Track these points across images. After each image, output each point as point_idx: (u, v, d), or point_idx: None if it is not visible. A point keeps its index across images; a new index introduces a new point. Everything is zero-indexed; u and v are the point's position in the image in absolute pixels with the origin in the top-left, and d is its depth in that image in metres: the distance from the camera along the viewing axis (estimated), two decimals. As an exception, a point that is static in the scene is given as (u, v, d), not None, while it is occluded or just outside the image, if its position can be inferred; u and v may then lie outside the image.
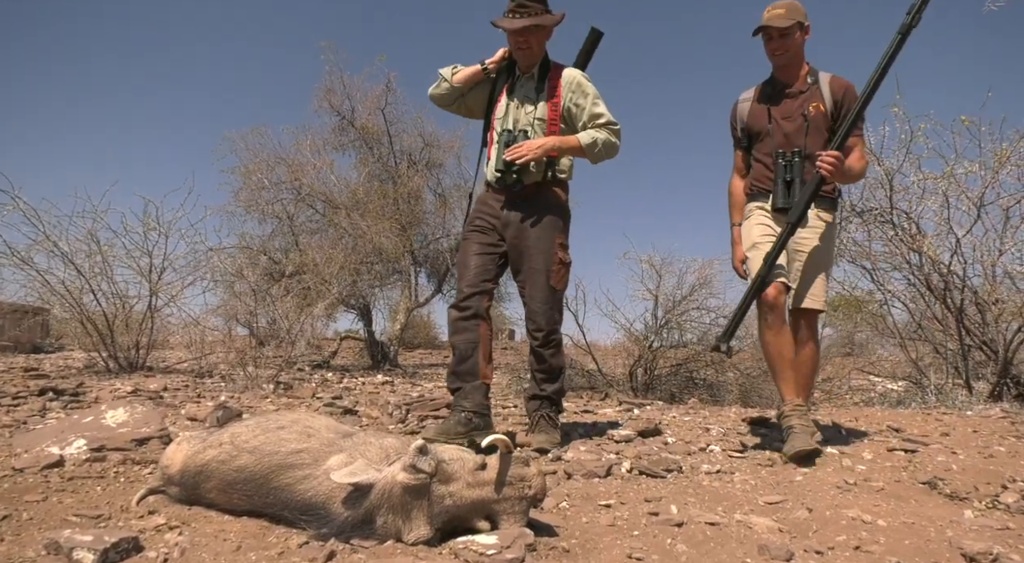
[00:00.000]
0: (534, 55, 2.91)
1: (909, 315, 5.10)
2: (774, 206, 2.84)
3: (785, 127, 2.86)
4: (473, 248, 2.94)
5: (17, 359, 7.57)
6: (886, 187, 4.56)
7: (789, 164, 2.79)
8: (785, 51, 2.84)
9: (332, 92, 8.78)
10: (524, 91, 2.97)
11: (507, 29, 2.81)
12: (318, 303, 7.02)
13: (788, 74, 2.91)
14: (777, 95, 2.93)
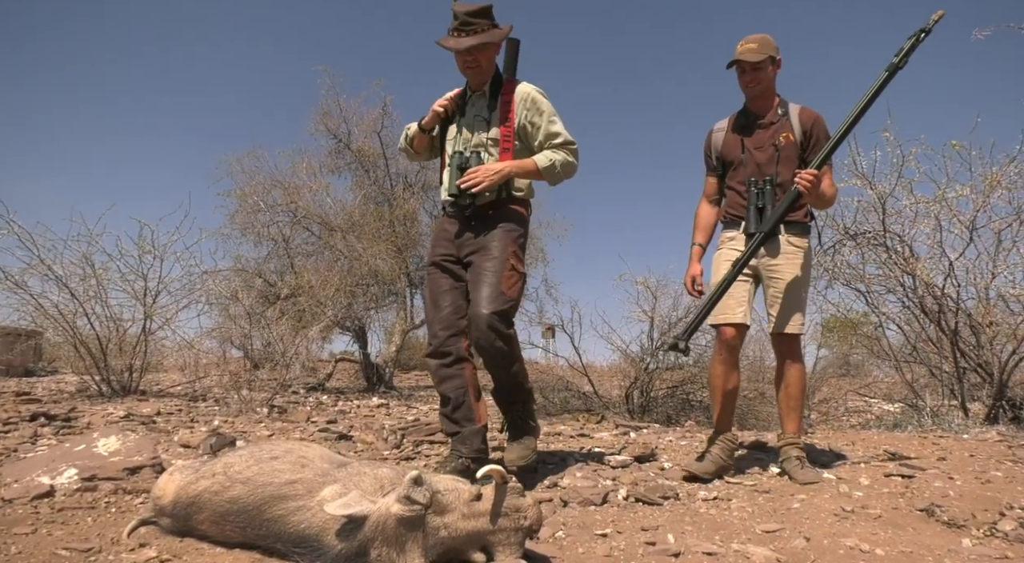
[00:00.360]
0: (484, 73, 2.78)
1: (904, 337, 5.12)
2: (746, 230, 2.90)
3: (757, 157, 2.93)
4: (439, 285, 2.77)
5: (9, 383, 7.50)
6: (879, 210, 4.60)
7: (761, 191, 2.86)
8: (758, 84, 2.91)
9: (328, 115, 8.86)
10: (476, 110, 2.84)
11: (453, 50, 2.69)
12: (313, 326, 7.00)
13: (760, 105, 2.98)
14: (750, 126, 3.00)
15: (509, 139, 2.77)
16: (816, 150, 2.84)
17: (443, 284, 2.76)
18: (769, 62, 2.88)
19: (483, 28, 2.67)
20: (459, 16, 2.65)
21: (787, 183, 2.83)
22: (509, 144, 2.77)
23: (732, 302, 2.90)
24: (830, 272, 5.04)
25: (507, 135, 2.77)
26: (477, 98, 2.84)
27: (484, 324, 2.51)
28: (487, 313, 2.51)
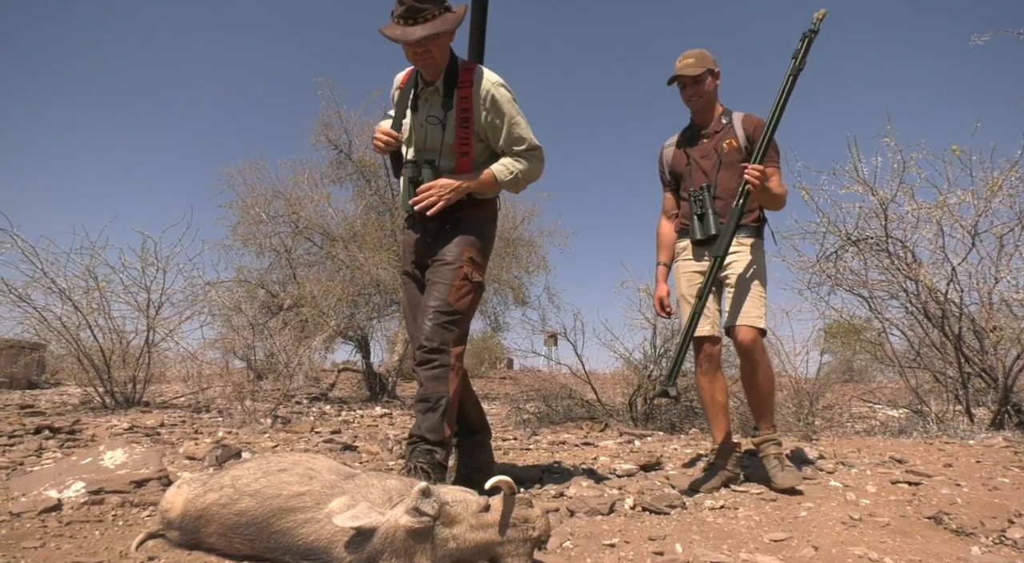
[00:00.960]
0: (437, 64, 2.44)
1: (908, 343, 5.11)
2: (692, 238, 2.98)
3: (703, 165, 3.01)
4: (414, 296, 2.63)
5: (12, 396, 7.51)
6: (881, 216, 4.60)
7: (697, 199, 2.94)
8: (699, 96, 3.00)
9: (329, 126, 8.92)
10: (429, 108, 2.53)
11: (400, 41, 2.33)
12: (316, 336, 7.01)
13: (704, 117, 3.06)
14: (695, 137, 3.09)
15: (468, 142, 2.51)
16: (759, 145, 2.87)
17: (416, 296, 2.62)
18: (708, 74, 2.97)
19: (434, 14, 2.32)
20: (404, 1, 2.29)
21: (730, 188, 2.88)
22: (468, 148, 2.52)
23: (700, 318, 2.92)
24: (832, 278, 5.04)
25: (465, 138, 2.51)
26: (430, 94, 2.52)
27: (424, 332, 2.37)
28: (429, 325, 2.37)
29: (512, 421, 6.17)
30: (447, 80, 2.48)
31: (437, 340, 2.36)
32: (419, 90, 2.55)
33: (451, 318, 2.40)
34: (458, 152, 2.52)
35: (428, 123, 2.52)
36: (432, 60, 2.40)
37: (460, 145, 2.51)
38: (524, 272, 10.42)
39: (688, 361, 3.51)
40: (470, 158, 2.54)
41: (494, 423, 6.12)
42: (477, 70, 2.50)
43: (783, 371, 6.29)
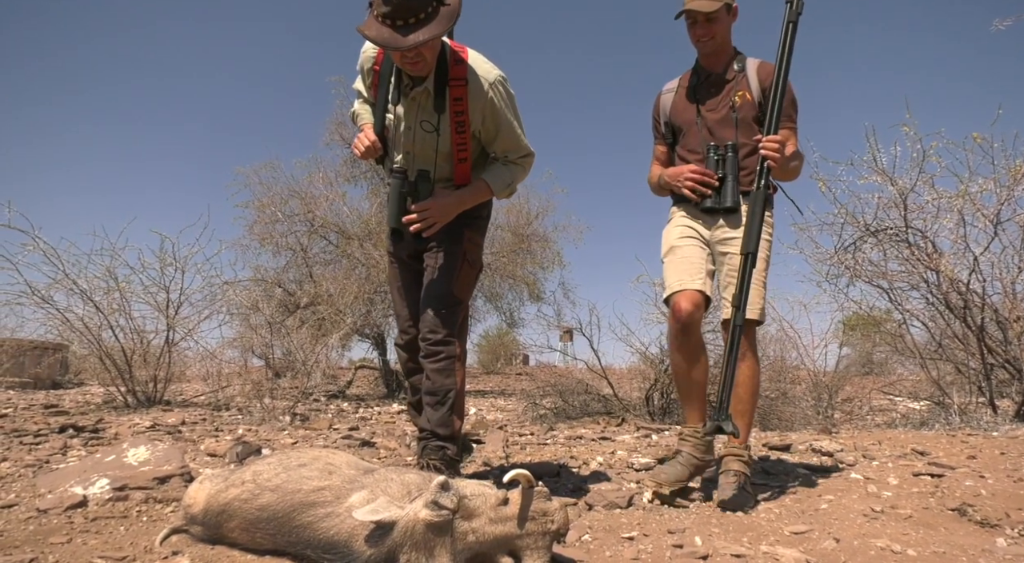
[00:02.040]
0: (428, 66, 2.18)
1: (929, 334, 5.04)
2: (702, 206, 2.52)
3: (710, 119, 2.56)
4: (401, 278, 2.55)
5: (37, 395, 7.64)
6: (900, 206, 4.54)
7: (722, 159, 2.47)
8: (711, 37, 2.53)
9: (343, 125, 8.96)
10: (419, 111, 2.28)
11: (391, 48, 2.02)
12: (333, 334, 7.06)
13: (714, 62, 2.60)
14: (703, 85, 2.61)
15: (466, 148, 2.32)
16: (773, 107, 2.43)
17: (403, 277, 2.54)
18: (724, 10, 2.49)
19: (426, 11, 1.98)
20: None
21: (744, 152, 2.50)
22: (466, 153, 2.33)
23: (685, 266, 2.50)
24: (851, 270, 4.98)
25: (463, 144, 2.31)
26: (419, 94, 2.26)
27: (428, 324, 2.31)
28: (433, 316, 2.30)
29: (529, 416, 6.17)
30: (438, 77, 2.21)
31: (442, 331, 2.30)
32: (403, 86, 2.28)
33: (454, 308, 2.35)
34: (455, 158, 2.34)
35: (421, 128, 2.29)
36: (424, 63, 2.14)
37: (458, 152, 2.32)
38: (539, 268, 10.42)
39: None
40: (469, 164, 2.36)
41: (510, 419, 6.14)
42: (470, 62, 2.25)
43: (801, 364, 6.25)
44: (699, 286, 2.46)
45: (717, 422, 2.29)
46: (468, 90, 2.23)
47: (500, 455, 3.46)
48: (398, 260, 2.58)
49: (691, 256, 2.51)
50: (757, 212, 2.36)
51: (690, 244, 2.54)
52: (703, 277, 2.48)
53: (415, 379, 2.58)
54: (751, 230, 2.35)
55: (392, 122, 2.36)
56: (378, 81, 2.35)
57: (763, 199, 2.37)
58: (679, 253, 2.54)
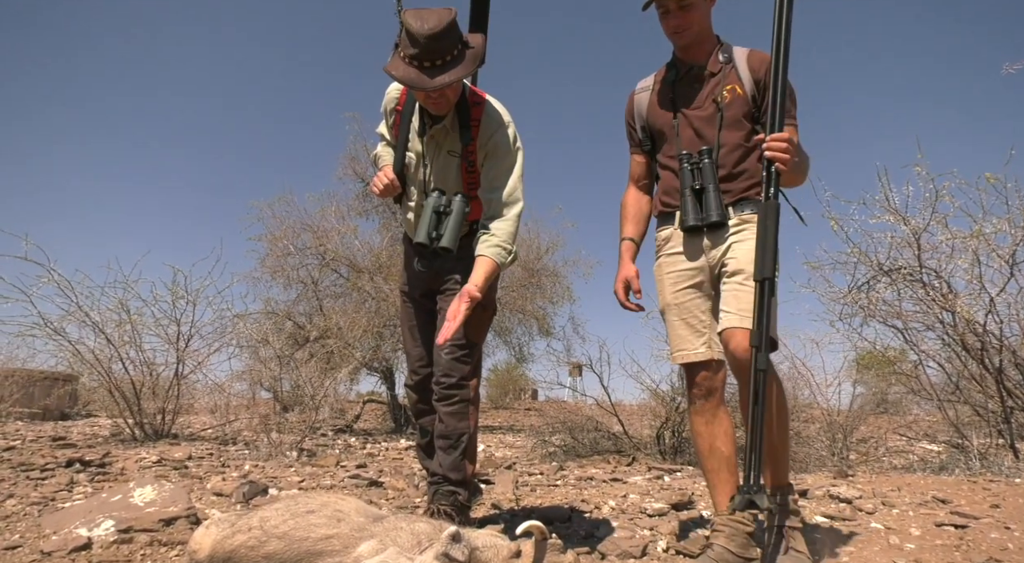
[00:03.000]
0: (451, 104, 2.26)
1: (945, 375, 4.96)
2: (683, 225, 2.16)
3: (694, 120, 2.20)
4: (413, 317, 2.54)
5: (45, 427, 7.63)
6: (913, 246, 4.52)
7: (696, 168, 2.12)
8: (688, 27, 2.17)
9: (356, 160, 9.10)
10: (443, 145, 2.35)
11: (417, 89, 2.08)
12: (342, 368, 7.04)
13: (695, 54, 2.24)
14: (683, 81, 2.25)
15: (475, 187, 2.36)
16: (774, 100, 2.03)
17: (415, 316, 2.55)
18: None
19: (452, 54, 2.05)
20: (419, 41, 1.99)
21: (735, 155, 2.15)
22: (475, 193, 2.37)
23: (685, 331, 2.20)
24: (865, 309, 4.93)
25: (472, 183, 2.37)
26: (439, 132, 2.34)
27: (442, 367, 2.31)
28: (447, 359, 2.30)
29: (538, 454, 6.10)
30: (460, 114, 2.30)
31: (456, 375, 2.30)
32: (425, 122, 2.35)
33: (468, 351, 2.34)
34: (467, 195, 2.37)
35: (448, 155, 2.34)
36: (447, 103, 2.22)
37: (467, 188, 2.37)
38: (548, 302, 10.40)
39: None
40: (477, 201, 2.38)
41: (519, 456, 6.06)
42: (487, 106, 2.34)
43: (815, 402, 6.15)
44: (704, 351, 2.16)
45: (748, 495, 1.83)
46: (480, 128, 2.30)
47: (510, 497, 3.40)
48: (411, 299, 2.59)
49: (691, 313, 2.18)
50: (771, 228, 1.92)
51: (688, 297, 2.20)
52: (707, 337, 2.16)
53: (425, 421, 2.56)
54: (764, 251, 1.91)
55: (412, 160, 2.41)
56: (399, 120, 2.41)
57: (775, 212, 1.94)
58: (675, 312, 2.23)
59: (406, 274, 2.61)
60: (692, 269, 2.19)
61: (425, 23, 1.99)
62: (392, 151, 2.50)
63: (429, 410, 2.48)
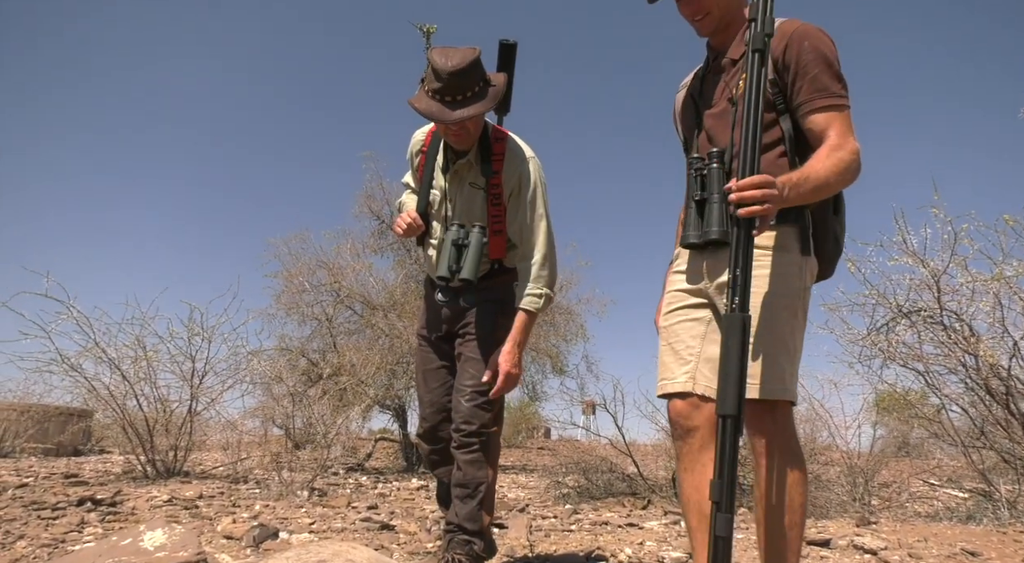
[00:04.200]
0: (472, 139, 2.29)
1: (970, 420, 4.85)
2: (683, 241, 1.78)
3: (707, 121, 1.89)
4: (429, 361, 2.52)
5: (58, 463, 7.63)
6: (933, 288, 4.46)
7: (699, 175, 1.75)
8: (706, 13, 1.85)
9: (372, 198, 9.21)
10: (465, 178, 2.38)
11: (439, 121, 2.16)
12: (355, 406, 7.01)
13: (722, 39, 1.92)
14: (709, 73, 1.94)
15: (500, 220, 2.36)
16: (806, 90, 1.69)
17: (432, 360, 2.51)
18: None
19: (474, 90, 2.12)
20: (443, 76, 2.06)
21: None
22: (501, 226, 2.37)
23: (669, 358, 1.86)
24: (884, 352, 4.85)
25: (497, 216, 2.36)
26: (462, 167, 2.37)
27: (462, 415, 2.29)
28: (467, 406, 2.29)
29: (551, 495, 5.99)
30: (481, 150, 2.34)
31: (476, 423, 2.27)
32: (448, 158, 2.38)
33: (488, 398, 2.31)
34: (491, 229, 2.36)
35: (471, 187, 2.36)
36: (468, 136, 2.26)
37: (493, 222, 2.36)
38: (562, 340, 10.36)
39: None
40: (503, 237, 2.40)
41: (533, 498, 5.96)
42: (509, 141, 2.37)
43: (833, 445, 6.03)
44: (683, 382, 1.79)
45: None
46: (504, 163, 2.33)
47: (523, 543, 3.33)
48: (428, 342, 2.55)
49: (679, 338, 1.85)
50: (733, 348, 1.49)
51: (678, 320, 1.88)
52: (692, 365, 1.79)
53: (440, 472, 2.51)
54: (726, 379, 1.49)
55: (436, 197, 2.43)
56: (424, 160, 2.46)
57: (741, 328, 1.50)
58: (664, 336, 1.92)
59: (425, 317, 2.59)
60: (689, 291, 1.88)
61: (449, 60, 2.07)
62: (415, 198, 2.54)
63: (441, 461, 2.46)
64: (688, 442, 1.75)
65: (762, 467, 1.63)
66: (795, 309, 1.71)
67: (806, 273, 1.75)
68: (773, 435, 1.64)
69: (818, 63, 1.68)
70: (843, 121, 1.67)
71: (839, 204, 1.83)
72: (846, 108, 1.69)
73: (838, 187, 1.67)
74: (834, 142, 1.64)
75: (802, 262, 1.73)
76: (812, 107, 1.69)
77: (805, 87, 1.69)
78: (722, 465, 1.46)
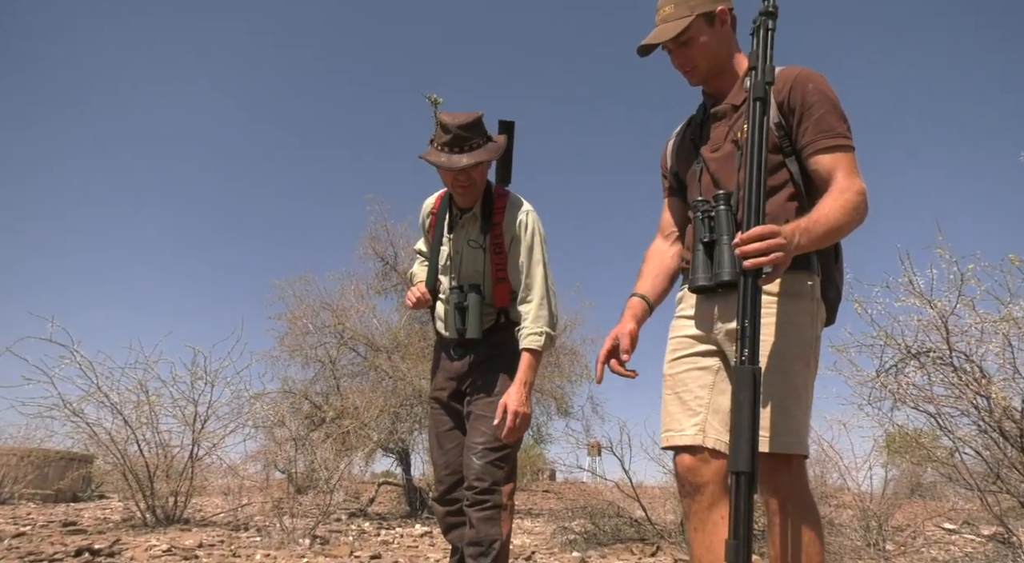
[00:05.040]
0: (477, 191, 2.47)
1: (985, 464, 4.76)
2: (692, 284, 1.79)
3: (711, 164, 1.88)
4: (441, 423, 2.55)
5: (57, 510, 7.50)
6: (941, 329, 4.43)
7: (706, 217, 1.76)
8: (695, 64, 1.90)
9: (376, 239, 9.28)
10: (467, 233, 2.53)
11: (447, 168, 2.32)
12: (358, 450, 6.93)
13: (718, 86, 1.95)
14: (708, 119, 1.97)
15: (503, 268, 2.49)
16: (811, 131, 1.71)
17: (445, 422, 2.55)
18: (700, 25, 1.84)
19: (478, 143, 2.35)
20: (451, 130, 2.30)
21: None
22: (504, 273, 2.49)
23: (676, 407, 1.81)
24: (894, 394, 4.80)
25: (500, 264, 2.49)
26: (468, 220, 2.52)
27: (474, 471, 2.29)
28: (479, 464, 2.30)
29: (558, 541, 5.87)
30: (484, 205, 2.51)
31: (489, 480, 2.28)
32: (455, 215, 2.56)
33: (501, 454, 2.33)
34: (494, 277, 2.49)
35: (469, 246, 2.51)
36: (473, 187, 2.43)
37: (496, 271, 2.49)
38: (567, 381, 10.28)
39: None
40: (507, 284, 2.50)
41: (539, 544, 5.83)
42: (511, 196, 2.55)
43: (845, 487, 5.93)
44: (692, 434, 1.72)
45: None
46: (505, 215, 2.49)
47: (531, 595, 3.24)
48: (441, 403, 2.58)
49: (686, 387, 1.80)
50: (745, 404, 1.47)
51: (685, 368, 1.84)
52: (701, 417, 1.73)
53: (453, 536, 2.48)
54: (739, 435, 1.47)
55: (445, 254, 2.58)
56: (435, 222, 2.64)
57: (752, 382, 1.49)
58: (668, 385, 1.87)
59: (436, 378, 2.62)
60: (697, 337, 1.84)
61: (455, 118, 2.32)
62: (425, 267, 2.71)
63: (457, 524, 2.45)
64: (698, 500, 1.68)
65: (776, 525, 1.58)
66: (807, 359, 1.69)
67: (817, 321, 1.73)
68: (789, 491, 1.60)
69: (823, 104, 1.71)
70: (849, 162, 1.69)
71: (839, 252, 1.85)
72: (851, 149, 1.71)
73: (849, 230, 1.65)
74: (841, 184, 1.65)
75: (813, 310, 1.72)
76: (818, 147, 1.70)
77: (811, 128, 1.71)
78: (737, 525, 1.42)
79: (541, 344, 2.39)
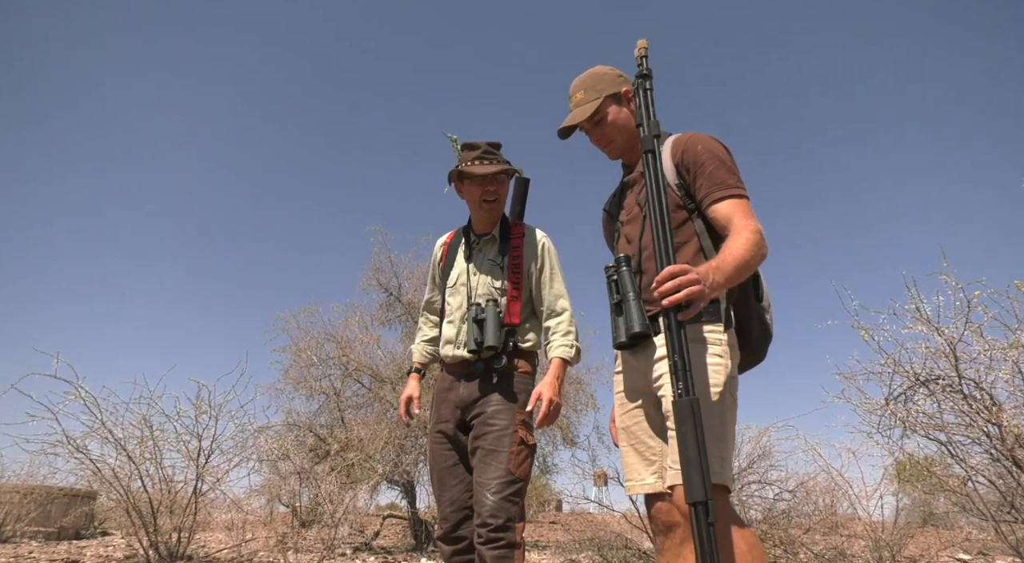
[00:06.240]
0: (499, 209, 2.66)
1: (999, 493, 4.69)
2: (614, 344, 1.95)
3: (624, 229, 2.09)
4: (444, 458, 2.52)
5: (60, 548, 7.41)
6: (950, 356, 4.41)
7: (611, 281, 1.94)
8: (610, 141, 2.13)
9: (380, 271, 9.30)
10: (486, 254, 2.68)
11: (480, 174, 2.52)
12: (362, 483, 6.86)
13: (631, 157, 2.17)
14: (623, 188, 2.18)
15: (519, 286, 2.59)
16: (706, 186, 1.89)
17: (449, 456, 2.52)
18: (611, 102, 2.10)
19: (503, 159, 2.62)
20: (480, 145, 2.60)
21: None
22: (519, 292, 2.59)
23: (633, 458, 1.98)
24: (904, 422, 4.76)
25: (517, 282, 2.60)
26: (485, 243, 2.69)
27: (487, 509, 2.26)
28: (493, 500, 2.27)
29: (566, 576, 5.78)
30: (502, 229, 2.69)
31: (503, 516, 2.25)
32: (472, 242, 2.72)
33: (514, 489, 2.31)
34: (509, 295, 2.58)
35: (487, 264, 2.65)
36: (498, 203, 2.63)
37: (512, 288, 2.59)
38: (572, 411, 10.21)
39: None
40: (520, 303, 2.60)
41: (548, 580, 5.74)
42: (527, 225, 2.74)
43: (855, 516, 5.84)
44: (652, 482, 1.90)
45: None
46: (524, 241, 2.67)
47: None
48: (446, 437, 2.55)
49: (638, 438, 1.97)
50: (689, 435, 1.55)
51: (634, 421, 1.99)
52: (657, 465, 1.90)
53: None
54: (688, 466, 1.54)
55: (457, 276, 2.70)
56: (447, 251, 2.80)
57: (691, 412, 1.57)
58: (623, 437, 2.03)
59: (438, 411, 2.60)
60: (635, 389, 2.01)
61: (479, 142, 2.62)
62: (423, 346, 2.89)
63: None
64: (670, 537, 1.82)
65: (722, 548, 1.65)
66: (719, 387, 1.78)
67: (731, 361, 1.83)
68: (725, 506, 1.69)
69: (712, 161, 1.90)
70: (743, 207, 1.86)
71: (759, 289, 1.96)
72: (744, 196, 1.88)
73: (755, 264, 1.79)
74: (739, 226, 1.80)
75: (723, 351, 1.82)
76: (713, 199, 1.87)
77: (704, 183, 1.89)
78: (703, 553, 1.48)
79: (571, 356, 2.53)
